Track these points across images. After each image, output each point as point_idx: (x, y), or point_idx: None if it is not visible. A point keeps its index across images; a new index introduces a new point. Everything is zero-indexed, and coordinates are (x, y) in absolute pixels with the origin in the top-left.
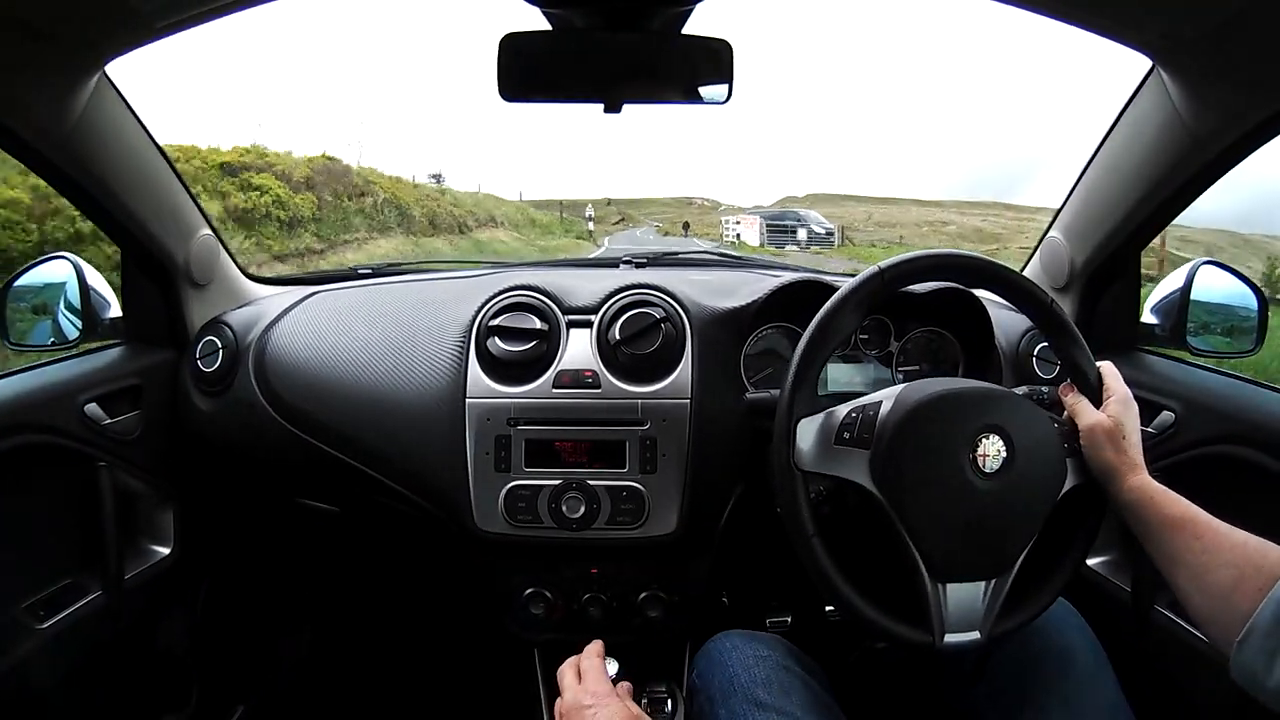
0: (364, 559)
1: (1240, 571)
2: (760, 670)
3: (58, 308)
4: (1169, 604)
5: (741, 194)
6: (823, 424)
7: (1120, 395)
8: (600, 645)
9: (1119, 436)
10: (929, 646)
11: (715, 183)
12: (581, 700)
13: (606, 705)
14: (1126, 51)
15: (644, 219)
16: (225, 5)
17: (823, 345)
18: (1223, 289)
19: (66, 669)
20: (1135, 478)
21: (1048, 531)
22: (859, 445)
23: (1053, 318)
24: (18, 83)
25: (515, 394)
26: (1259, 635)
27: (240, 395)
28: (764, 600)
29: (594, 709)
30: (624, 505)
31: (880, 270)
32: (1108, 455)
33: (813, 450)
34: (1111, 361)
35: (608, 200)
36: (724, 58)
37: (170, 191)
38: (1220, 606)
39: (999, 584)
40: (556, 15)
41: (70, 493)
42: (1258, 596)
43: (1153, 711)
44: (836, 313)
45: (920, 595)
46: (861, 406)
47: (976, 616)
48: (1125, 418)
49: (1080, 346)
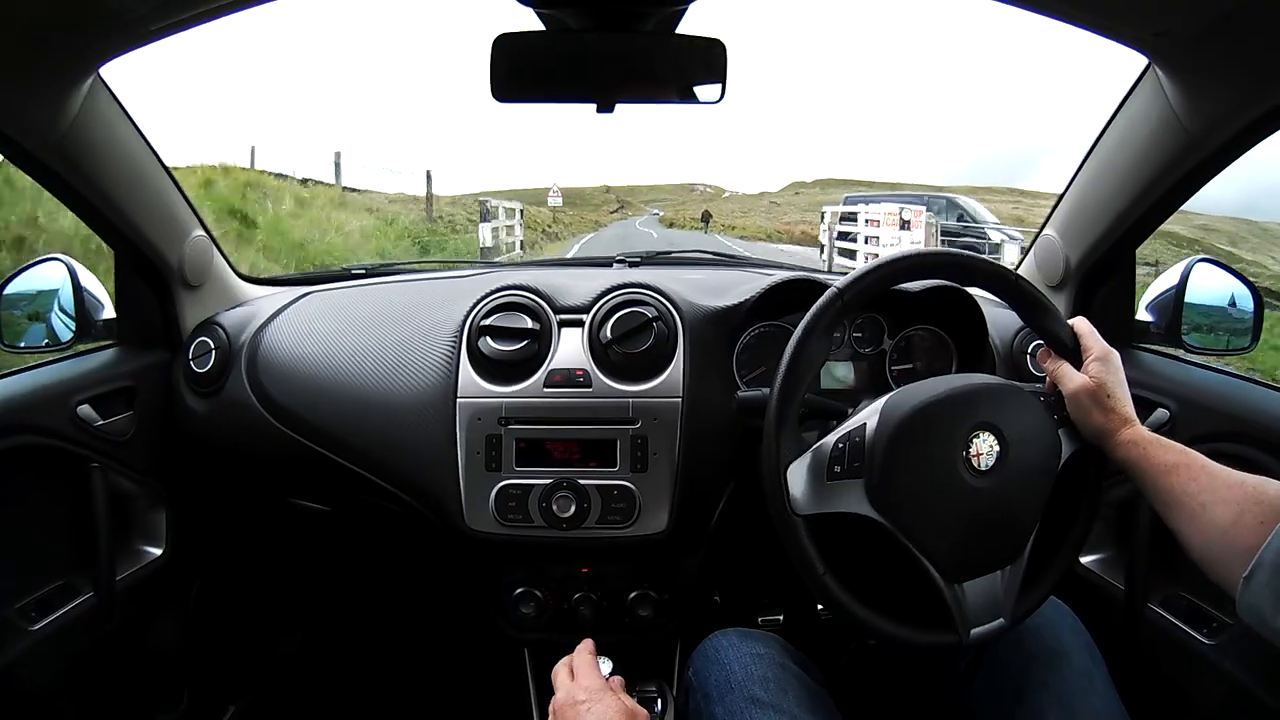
0: (355, 559)
1: (1240, 508)
2: (757, 668)
3: (51, 309)
4: (1162, 602)
5: (746, 179)
6: (812, 463)
7: (1098, 352)
8: (591, 644)
9: (1103, 396)
10: (958, 645)
11: (718, 168)
12: (575, 696)
13: (600, 700)
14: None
15: (644, 207)
16: (218, 8)
17: (798, 381)
18: (1218, 286)
19: (58, 670)
20: (1127, 431)
21: (1053, 504)
22: (852, 476)
23: (1018, 291)
24: (11, 86)
25: (506, 393)
26: (1266, 571)
27: (233, 396)
28: (756, 599)
29: (587, 704)
30: (615, 504)
31: (839, 291)
32: (1096, 417)
33: (807, 492)
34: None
35: (606, 187)
36: (717, 57)
37: (164, 193)
38: (1219, 544)
39: (1014, 569)
40: (549, 16)
41: (63, 494)
42: (1259, 531)
43: (1146, 709)
44: (804, 345)
45: (939, 598)
46: (847, 434)
47: (998, 603)
48: (1107, 374)
49: (1049, 311)
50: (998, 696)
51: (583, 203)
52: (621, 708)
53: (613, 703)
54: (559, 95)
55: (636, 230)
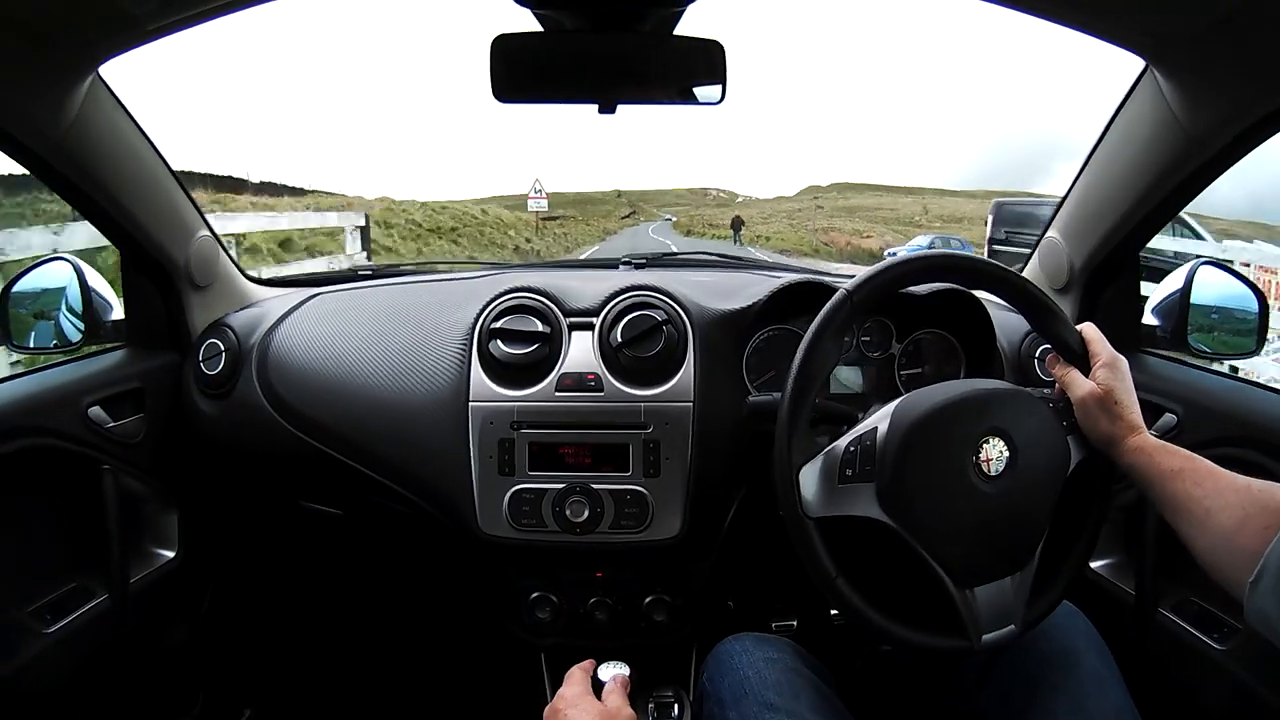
0: (368, 562)
1: (1245, 512)
2: (771, 673)
3: (59, 310)
4: (1173, 606)
5: (758, 184)
6: (824, 465)
7: (1106, 358)
8: (591, 662)
9: (1111, 403)
10: (970, 650)
11: (731, 172)
12: (556, 705)
13: (577, 704)
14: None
15: (657, 212)
16: (218, 7)
17: (810, 383)
18: (1222, 290)
19: (72, 673)
20: (1133, 438)
21: (1062, 509)
22: (863, 479)
23: (1026, 295)
24: (12, 85)
25: (518, 397)
26: (1272, 575)
27: (243, 398)
28: (769, 604)
29: (564, 712)
30: (627, 509)
31: (848, 294)
32: (1103, 424)
33: (818, 495)
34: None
35: (618, 192)
36: (716, 58)
37: (168, 193)
38: (1225, 548)
39: (1024, 575)
40: (547, 17)
41: (74, 496)
42: (1264, 535)
43: (1158, 713)
44: (815, 347)
45: (949, 603)
46: (859, 437)
47: (1008, 610)
48: (1115, 381)
49: (1057, 316)
50: (1010, 700)
51: (591, 207)
52: (600, 710)
53: (590, 706)
54: (559, 96)
55: (650, 238)
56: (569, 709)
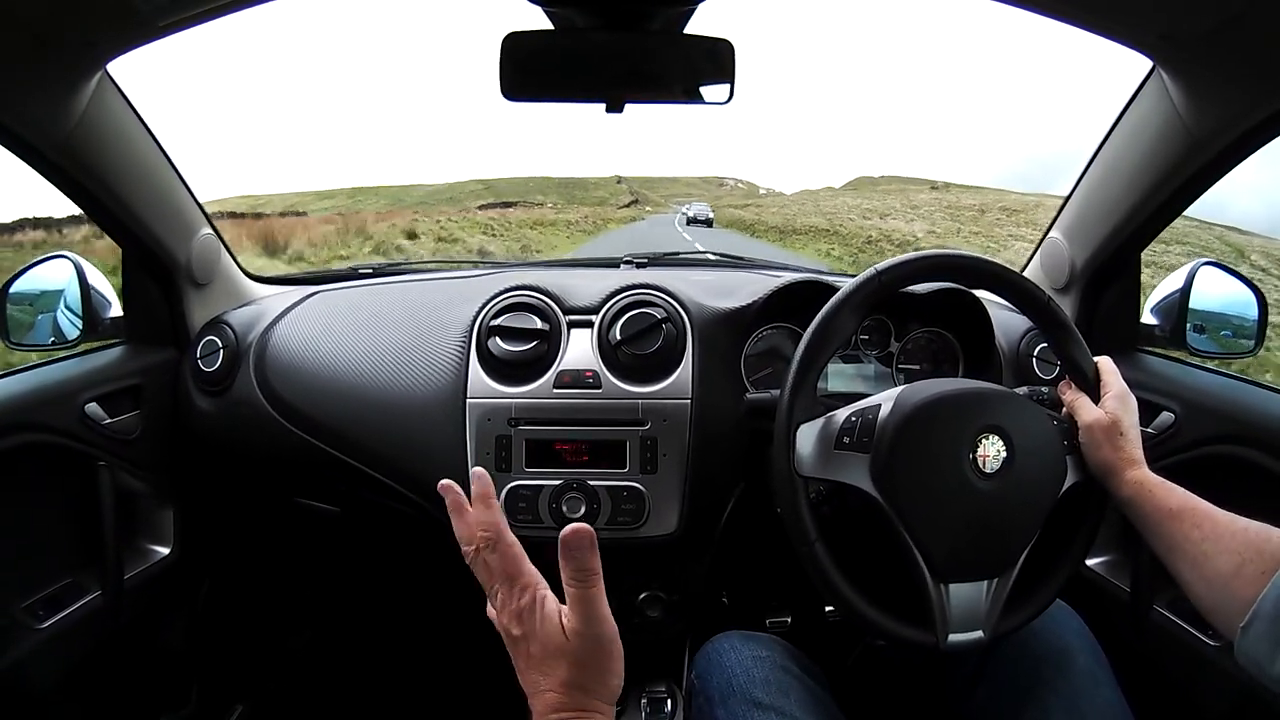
0: (364, 559)
1: (1241, 558)
2: (758, 670)
3: (58, 307)
4: (1168, 604)
5: (780, 177)
6: (823, 429)
7: (1117, 390)
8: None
9: (1117, 433)
10: (933, 647)
11: (751, 162)
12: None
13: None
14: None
15: (666, 202)
16: (226, 4)
17: (822, 349)
18: (1222, 290)
19: (66, 668)
20: (1134, 472)
21: (1049, 529)
22: (859, 449)
23: (1050, 316)
24: (18, 82)
25: (516, 394)
26: (1263, 621)
27: (241, 395)
28: (764, 600)
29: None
30: (624, 505)
31: (878, 273)
32: (1106, 452)
33: (813, 455)
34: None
35: (618, 178)
36: (726, 57)
37: (172, 191)
38: (1221, 593)
39: (1001, 583)
40: (558, 14)
41: (70, 492)
42: (1260, 581)
43: (1152, 711)
44: (834, 316)
45: (923, 596)
46: (861, 410)
47: (980, 615)
48: (1123, 413)
49: (1077, 343)
50: (1003, 698)
51: (584, 195)
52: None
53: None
54: (568, 95)
55: (679, 239)
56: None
